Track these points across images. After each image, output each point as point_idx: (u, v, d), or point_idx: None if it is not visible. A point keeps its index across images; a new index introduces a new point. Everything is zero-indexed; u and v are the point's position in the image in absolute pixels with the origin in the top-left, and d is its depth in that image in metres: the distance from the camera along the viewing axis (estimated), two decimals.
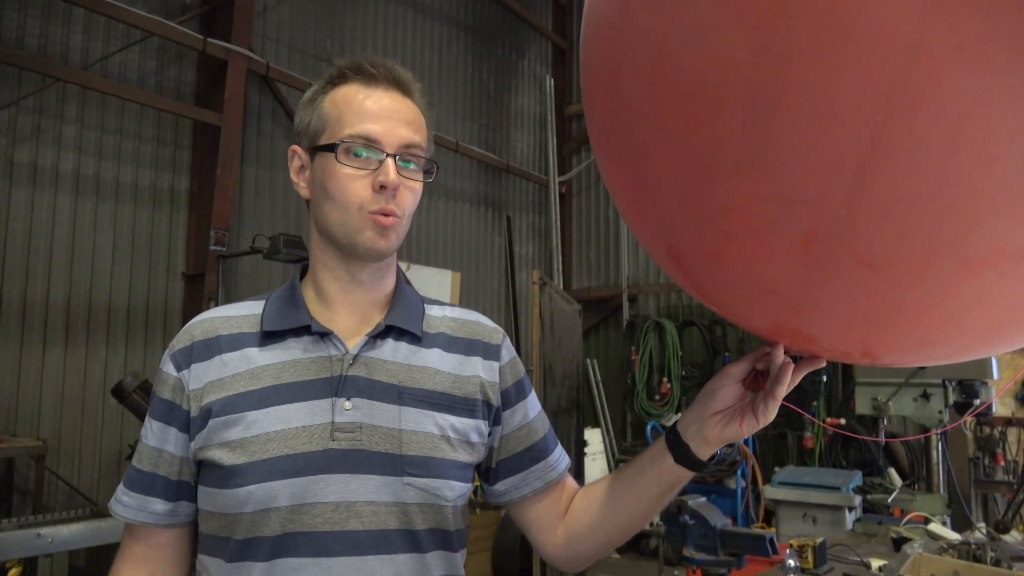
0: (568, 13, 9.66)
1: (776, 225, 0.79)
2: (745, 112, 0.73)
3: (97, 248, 4.76)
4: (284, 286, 1.14)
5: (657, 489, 1.10)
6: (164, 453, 1.05)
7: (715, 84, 0.75)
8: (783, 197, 0.76)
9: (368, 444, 1.01)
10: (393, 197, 1.03)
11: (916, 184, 0.69)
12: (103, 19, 4.71)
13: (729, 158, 0.77)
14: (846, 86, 0.67)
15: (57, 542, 3.09)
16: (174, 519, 1.06)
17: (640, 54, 0.83)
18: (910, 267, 0.76)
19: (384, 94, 1.07)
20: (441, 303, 1.22)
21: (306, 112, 1.09)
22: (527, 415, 1.20)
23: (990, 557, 2.18)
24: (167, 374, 1.06)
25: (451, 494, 1.06)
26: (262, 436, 0.99)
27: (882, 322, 0.84)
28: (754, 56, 0.71)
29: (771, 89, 0.71)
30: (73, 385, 4.60)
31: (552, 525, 1.19)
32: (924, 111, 0.66)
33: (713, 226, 0.84)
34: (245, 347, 1.06)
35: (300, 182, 1.10)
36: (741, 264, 0.86)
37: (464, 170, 7.87)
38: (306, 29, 6.18)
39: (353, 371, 1.05)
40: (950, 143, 0.67)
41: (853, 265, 0.77)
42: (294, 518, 0.97)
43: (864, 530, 2.98)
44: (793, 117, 0.71)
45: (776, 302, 0.88)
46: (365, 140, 1.03)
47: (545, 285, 4.54)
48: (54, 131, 4.57)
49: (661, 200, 0.90)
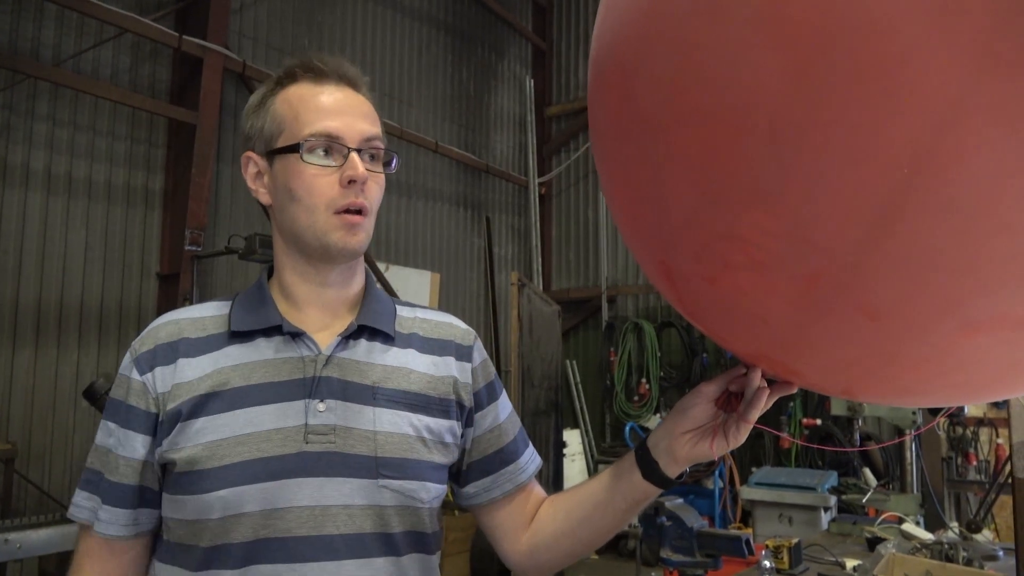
0: (548, 14, 9.66)
1: (781, 262, 0.76)
2: (768, 142, 0.70)
3: (69, 247, 4.68)
4: (251, 286, 1.12)
5: (623, 504, 1.09)
6: (132, 461, 1.01)
7: (740, 108, 0.71)
8: (793, 235, 0.73)
9: (343, 446, 0.99)
10: (362, 191, 1.02)
11: (933, 242, 0.68)
12: (76, 15, 4.63)
13: (744, 187, 0.74)
14: (880, 133, 0.64)
15: (26, 547, 3.03)
16: (136, 528, 1.02)
17: (663, 63, 0.78)
18: (911, 322, 0.75)
19: (336, 89, 1.05)
20: (412, 305, 1.21)
21: (257, 116, 1.07)
22: (498, 417, 1.19)
23: (962, 556, 2.21)
24: (131, 379, 1.03)
25: (427, 496, 1.04)
26: (232, 439, 0.96)
27: (871, 369, 0.83)
28: (787, 86, 0.67)
29: (800, 124, 0.67)
30: (43, 387, 4.51)
31: (516, 531, 1.18)
32: (955, 171, 0.63)
33: (714, 252, 0.81)
34: (213, 349, 1.03)
35: (259, 188, 1.08)
36: (737, 294, 0.84)
37: (443, 171, 7.85)
38: (283, 27, 6.13)
39: (327, 372, 1.03)
40: (975, 207, 0.65)
41: (853, 313, 0.75)
42: (267, 523, 0.95)
43: (839, 530, 3.01)
44: (818, 156, 0.67)
45: (766, 334, 0.86)
46: (327, 137, 1.01)
47: (524, 286, 4.54)
48: (24, 128, 4.48)
49: (663, 216, 0.87)
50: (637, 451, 1.08)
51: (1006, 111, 0.61)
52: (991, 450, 5.12)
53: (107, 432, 1.03)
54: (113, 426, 1.03)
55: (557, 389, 5.59)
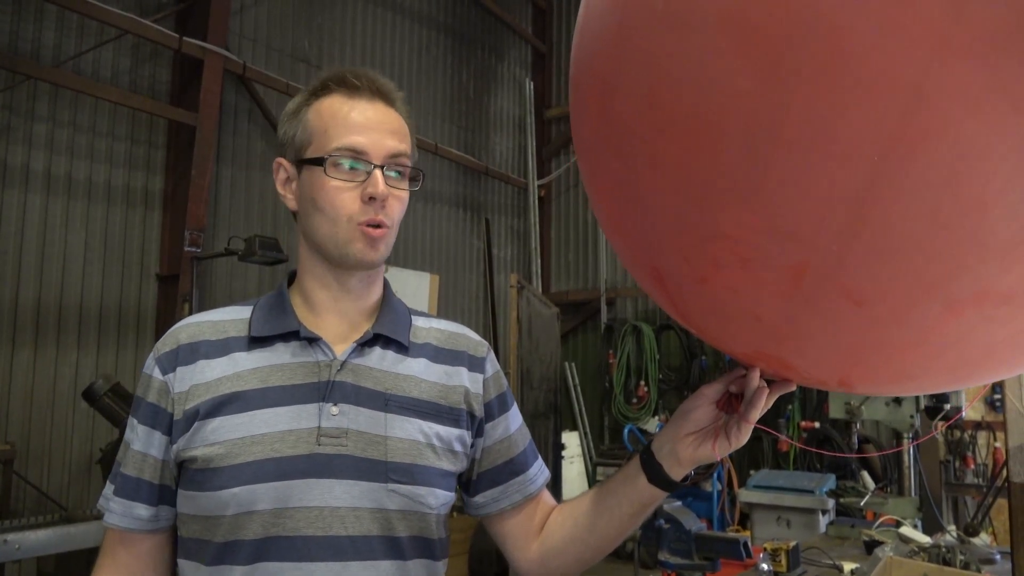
0: (548, 16, 9.68)
1: (767, 256, 0.79)
2: (743, 143, 0.73)
3: (69, 248, 4.68)
4: (272, 292, 1.15)
5: (630, 508, 1.11)
6: (149, 457, 1.05)
7: (714, 113, 0.74)
8: (776, 230, 0.76)
9: (354, 450, 1.02)
10: (382, 208, 1.04)
11: (909, 225, 0.70)
12: (76, 16, 4.64)
13: (724, 187, 0.77)
14: (848, 124, 0.67)
15: (25, 548, 3.03)
16: (156, 524, 1.06)
17: (637, 77, 0.82)
18: (896, 305, 0.76)
19: (368, 105, 1.07)
20: (428, 315, 1.23)
21: (290, 124, 1.09)
22: (508, 428, 1.20)
23: (959, 560, 2.21)
24: (152, 377, 1.06)
25: (435, 502, 1.06)
26: (247, 439, 0.99)
27: (863, 356, 0.85)
28: (757, 87, 0.70)
29: (772, 122, 0.70)
30: (43, 388, 4.51)
31: (526, 540, 1.20)
32: (922, 154, 0.66)
33: (702, 253, 0.84)
34: (232, 351, 1.06)
35: (287, 194, 1.11)
36: (728, 292, 0.86)
37: (443, 173, 7.85)
38: (283, 29, 6.13)
39: (341, 377, 1.05)
40: (945, 187, 0.67)
41: (841, 300, 0.78)
42: (276, 522, 0.98)
43: (837, 533, 3.01)
44: (792, 151, 0.71)
45: (760, 330, 0.88)
46: (353, 152, 1.03)
47: (523, 288, 4.55)
48: (24, 129, 4.49)
49: (649, 222, 0.90)
50: (642, 455, 1.10)
51: (965, 94, 0.63)
52: (989, 454, 5.13)
53: (130, 427, 1.08)
54: (134, 421, 1.07)
55: (556, 391, 5.60)
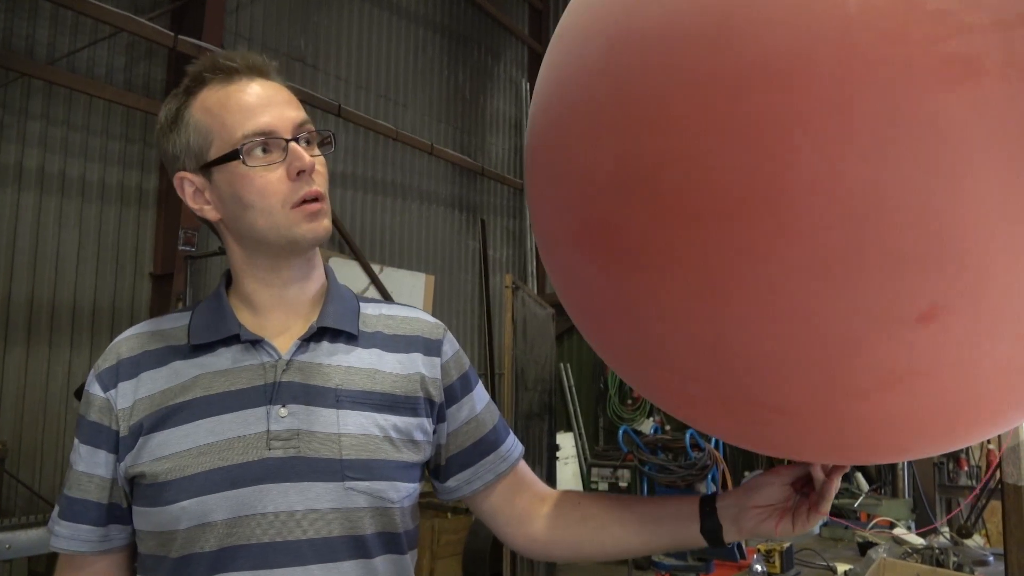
0: (544, 17, 9.68)
1: (696, 395, 0.87)
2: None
3: (62, 247, 4.66)
4: (208, 296, 1.10)
5: (669, 542, 1.11)
6: (94, 477, 1.01)
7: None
8: (685, 380, 0.85)
9: (306, 451, 0.98)
10: (311, 178, 1.00)
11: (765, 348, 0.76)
12: (71, 13, 4.62)
13: (639, 343, 0.88)
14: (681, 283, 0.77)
15: (16, 548, 3.02)
16: (106, 544, 1.02)
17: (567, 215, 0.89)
18: (807, 407, 0.78)
19: (252, 83, 1.02)
20: (377, 301, 1.19)
21: (176, 134, 1.03)
22: (474, 408, 1.17)
23: (952, 561, 2.22)
24: (93, 395, 1.02)
25: (396, 496, 1.03)
26: (194, 450, 0.96)
27: (821, 447, 0.88)
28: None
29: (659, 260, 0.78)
30: (35, 386, 4.49)
31: (516, 517, 1.17)
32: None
33: (650, 381, 0.95)
34: (173, 361, 1.02)
35: (203, 206, 1.04)
36: (692, 419, 0.96)
37: (438, 173, 7.85)
38: (279, 28, 6.12)
39: (287, 377, 1.01)
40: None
41: (767, 413, 0.81)
42: (232, 531, 0.94)
43: (830, 535, 3.02)
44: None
45: (768, 441, 0.93)
46: (263, 134, 0.98)
47: (518, 289, 4.54)
48: (18, 127, 4.47)
49: (607, 341, 0.98)
50: (704, 506, 1.08)
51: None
52: (982, 455, 5.14)
53: (74, 448, 1.03)
54: (76, 442, 1.03)
55: (551, 392, 5.59)
